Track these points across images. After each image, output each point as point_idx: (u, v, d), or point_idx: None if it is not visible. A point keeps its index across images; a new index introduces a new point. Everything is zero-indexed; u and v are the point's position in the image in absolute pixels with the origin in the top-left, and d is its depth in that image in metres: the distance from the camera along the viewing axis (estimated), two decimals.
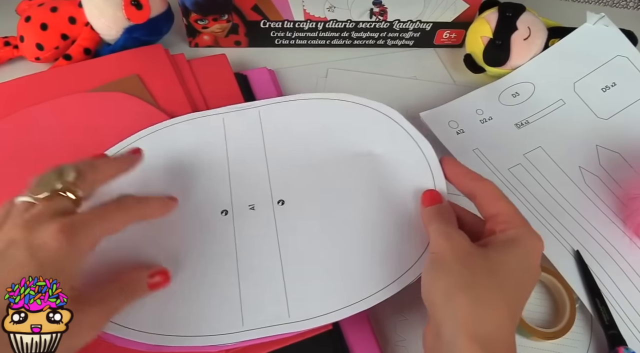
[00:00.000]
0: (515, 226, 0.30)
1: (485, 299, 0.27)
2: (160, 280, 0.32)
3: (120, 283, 0.30)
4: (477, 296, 0.27)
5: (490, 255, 0.29)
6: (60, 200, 0.29)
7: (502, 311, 0.27)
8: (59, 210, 0.28)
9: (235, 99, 0.45)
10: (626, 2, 0.59)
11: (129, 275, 0.31)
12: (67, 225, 0.27)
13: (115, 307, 0.29)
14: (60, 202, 0.29)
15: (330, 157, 0.38)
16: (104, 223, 0.29)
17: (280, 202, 0.36)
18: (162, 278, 0.32)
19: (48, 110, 0.42)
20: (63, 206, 0.29)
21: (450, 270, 0.28)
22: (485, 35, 0.48)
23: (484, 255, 0.29)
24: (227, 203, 0.36)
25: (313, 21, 0.50)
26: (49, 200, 0.28)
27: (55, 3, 0.46)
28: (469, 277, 0.27)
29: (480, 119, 0.46)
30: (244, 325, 0.32)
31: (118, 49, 0.47)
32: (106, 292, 0.29)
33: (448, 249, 0.29)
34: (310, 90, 0.49)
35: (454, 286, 0.27)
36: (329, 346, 0.33)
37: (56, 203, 0.28)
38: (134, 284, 0.31)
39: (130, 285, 0.31)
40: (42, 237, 0.26)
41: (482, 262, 0.28)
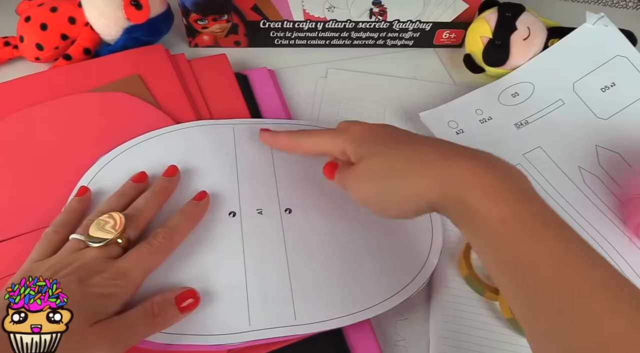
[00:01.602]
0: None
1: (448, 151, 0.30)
2: (191, 302, 0.32)
3: (145, 304, 0.30)
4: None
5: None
6: (112, 248, 0.32)
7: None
8: (111, 256, 0.31)
9: (236, 99, 0.45)
10: (625, 2, 0.59)
11: (156, 297, 0.31)
12: (120, 273, 0.30)
13: (137, 330, 0.29)
14: (112, 250, 0.32)
15: None
16: (149, 265, 0.32)
17: (288, 210, 0.37)
18: (193, 300, 0.32)
19: (48, 110, 0.42)
20: (114, 252, 0.32)
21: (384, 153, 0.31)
22: (484, 35, 0.48)
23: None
24: (235, 205, 0.37)
25: (313, 21, 0.50)
26: (102, 247, 0.31)
27: (55, 3, 0.46)
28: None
29: (480, 119, 0.46)
30: (251, 325, 0.32)
31: (118, 49, 0.47)
32: (129, 314, 0.30)
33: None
34: (310, 90, 0.49)
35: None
36: (329, 346, 0.33)
37: (108, 251, 0.31)
38: (161, 307, 0.31)
39: (156, 307, 0.30)
40: (95, 282, 0.29)
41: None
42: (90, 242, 0.31)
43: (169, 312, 0.31)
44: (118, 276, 0.30)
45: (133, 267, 0.31)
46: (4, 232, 0.35)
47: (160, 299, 0.31)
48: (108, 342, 0.27)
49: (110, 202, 0.35)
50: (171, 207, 0.36)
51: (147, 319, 0.30)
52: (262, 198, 0.38)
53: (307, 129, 0.39)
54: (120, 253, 0.32)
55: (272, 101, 0.46)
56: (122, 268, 0.30)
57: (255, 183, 0.38)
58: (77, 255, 0.31)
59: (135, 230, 0.33)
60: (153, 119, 0.42)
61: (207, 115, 0.44)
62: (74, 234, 0.32)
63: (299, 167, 0.40)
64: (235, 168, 0.39)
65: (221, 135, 0.41)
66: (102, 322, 0.28)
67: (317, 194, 0.38)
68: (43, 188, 0.38)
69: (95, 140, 0.40)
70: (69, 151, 0.40)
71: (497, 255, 0.26)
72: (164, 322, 0.30)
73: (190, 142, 0.40)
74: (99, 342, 0.27)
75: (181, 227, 0.34)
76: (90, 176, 0.37)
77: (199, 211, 0.36)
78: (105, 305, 0.29)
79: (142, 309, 0.30)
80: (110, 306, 0.29)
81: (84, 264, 0.30)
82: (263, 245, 0.35)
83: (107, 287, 0.29)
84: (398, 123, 0.47)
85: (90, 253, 0.31)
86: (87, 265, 0.30)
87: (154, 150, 0.39)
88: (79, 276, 0.29)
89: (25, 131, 0.41)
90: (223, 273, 0.34)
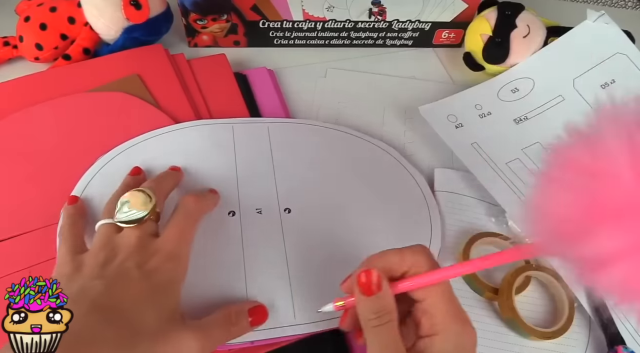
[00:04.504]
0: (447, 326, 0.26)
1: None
2: (261, 317, 0.31)
3: (224, 312, 0.30)
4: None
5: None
6: (149, 225, 0.31)
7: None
8: (151, 233, 0.31)
9: (235, 99, 0.45)
10: (625, 2, 0.59)
11: (233, 307, 0.31)
12: (172, 253, 0.30)
13: (215, 336, 0.29)
14: (150, 227, 0.31)
15: (333, 177, 0.40)
16: (190, 235, 0.32)
17: (287, 210, 0.37)
18: (263, 315, 0.31)
19: (47, 110, 0.42)
20: (152, 229, 0.31)
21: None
22: (484, 33, 0.48)
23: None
24: (234, 205, 0.37)
25: (312, 21, 0.50)
26: (139, 226, 0.31)
27: (55, 3, 0.46)
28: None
29: (479, 113, 0.46)
30: None
31: (117, 49, 0.47)
32: (209, 319, 0.29)
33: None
34: (310, 90, 0.49)
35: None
36: (329, 346, 0.33)
37: (146, 229, 0.31)
38: (237, 316, 0.30)
39: (234, 316, 0.30)
40: (151, 264, 0.29)
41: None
42: (124, 222, 0.30)
43: (243, 323, 0.30)
44: (170, 256, 0.29)
45: (178, 241, 0.30)
46: (3, 231, 0.35)
47: (239, 309, 0.31)
48: (196, 340, 0.27)
49: (117, 193, 0.34)
50: (172, 207, 0.36)
51: (225, 326, 0.29)
52: (261, 198, 0.38)
53: (318, 126, 0.39)
54: (156, 229, 0.31)
55: (272, 101, 0.46)
56: (169, 246, 0.30)
57: (255, 182, 0.38)
58: (118, 239, 0.30)
59: (159, 204, 0.32)
60: (152, 119, 0.42)
61: (206, 115, 0.44)
62: (102, 220, 0.31)
63: (299, 166, 0.40)
64: (234, 168, 0.39)
65: (220, 134, 0.41)
66: (189, 321, 0.28)
67: (317, 194, 0.38)
68: (42, 188, 0.38)
69: (95, 140, 0.40)
70: (69, 151, 0.40)
71: None
72: (236, 332, 0.30)
73: (190, 142, 0.40)
74: (190, 337, 0.27)
75: (206, 196, 0.34)
76: (89, 176, 0.37)
77: (214, 194, 0.36)
78: (172, 293, 0.28)
79: (222, 316, 0.30)
80: (176, 292, 0.29)
81: (133, 248, 0.29)
82: (262, 245, 0.35)
83: (166, 271, 0.29)
84: (398, 122, 0.47)
85: (132, 234, 0.30)
86: (137, 248, 0.29)
87: (153, 150, 0.39)
88: (136, 261, 0.28)
89: (25, 131, 0.41)
90: (222, 272, 0.34)
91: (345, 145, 0.43)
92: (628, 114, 0.19)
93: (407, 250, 0.27)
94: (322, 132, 0.43)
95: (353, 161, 0.41)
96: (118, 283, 0.27)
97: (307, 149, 0.42)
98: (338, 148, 0.42)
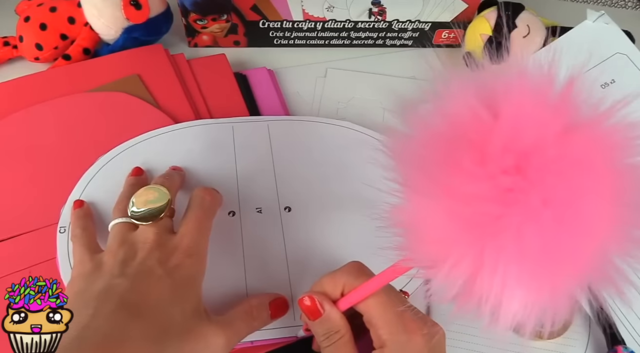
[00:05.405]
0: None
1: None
2: (282, 309, 0.32)
3: (245, 306, 0.30)
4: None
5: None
6: (165, 221, 0.31)
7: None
8: (168, 229, 0.31)
9: (235, 99, 0.45)
10: (625, 2, 0.59)
11: (254, 300, 0.31)
12: (192, 248, 0.30)
13: (239, 330, 0.29)
14: (166, 223, 0.31)
15: (332, 173, 0.39)
16: (207, 229, 0.32)
17: (287, 209, 0.37)
18: (284, 307, 0.32)
19: (47, 110, 0.42)
20: (169, 224, 0.31)
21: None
22: (484, 33, 0.48)
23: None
24: (234, 205, 0.37)
25: (312, 21, 0.50)
26: (155, 223, 0.31)
27: (55, 3, 0.46)
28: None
29: None
30: None
31: (117, 49, 0.47)
32: (232, 314, 0.29)
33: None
34: (309, 90, 0.49)
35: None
36: None
37: (163, 225, 0.31)
38: (259, 310, 0.30)
39: (255, 310, 0.30)
40: (173, 261, 0.29)
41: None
42: (141, 219, 0.30)
43: (263, 315, 0.30)
44: (190, 252, 0.29)
45: (196, 236, 0.30)
46: (3, 231, 0.35)
47: (259, 302, 0.31)
48: (223, 335, 0.27)
49: (124, 193, 0.34)
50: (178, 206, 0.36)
51: (248, 320, 0.29)
52: (261, 197, 0.38)
53: (319, 122, 0.40)
54: (172, 225, 0.31)
55: (272, 101, 0.46)
56: (188, 241, 0.30)
57: (255, 182, 0.38)
58: (134, 236, 0.30)
59: (173, 200, 0.32)
60: (152, 119, 0.42)
61: (206, 115, 0.44)
62: (116, 219, 0.31)
63: (298, 165, 0.40)
64: (234, 167, 0.39)
65: (220, 134, 0.41)
66: (213, 316, 0.28)
67: (317, 192, 0.38)
68: (42, 188, 0.38)
69: (95, 140, 0.40)
70: (69, 151, 0.40)
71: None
72: (257, 325, 0.30)
73: (190, 142, 0.40)
74: (216, 333, 0.27)
75: (217, 191, 0.34)
76: (89, 176, 0.37)
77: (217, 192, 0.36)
78: (194, 288, 0.28)
79: (243, 310, 0.30)
80: (198, 288, 0.29)
81: (153, 244, 0.29)
82: (262, 245, 0.35)
83: (187, 267, 0.29)
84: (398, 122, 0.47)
85: (149, 231, 0.30)
86: (157, 245, 0.29)
87: (153, 150, 0.39)
88: (157, 258, 0.28)
89: (25, 131, 0.41)
90: (223, 272, 0.34)
91: (348, 142, 0.42)
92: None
93: (338, 272, 0.28)
94: (324, 128, 0.43)
95: (355, 158, 0.41)
96: (143, 281, 0.27)
97: (308, 146, 0.41)
98: (340, 144, 0.42)
